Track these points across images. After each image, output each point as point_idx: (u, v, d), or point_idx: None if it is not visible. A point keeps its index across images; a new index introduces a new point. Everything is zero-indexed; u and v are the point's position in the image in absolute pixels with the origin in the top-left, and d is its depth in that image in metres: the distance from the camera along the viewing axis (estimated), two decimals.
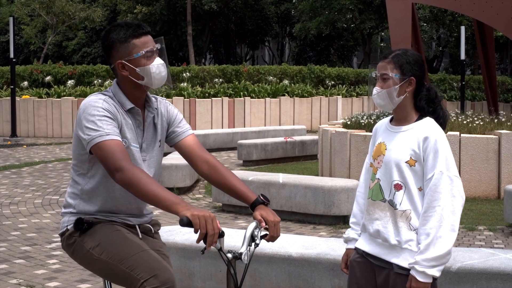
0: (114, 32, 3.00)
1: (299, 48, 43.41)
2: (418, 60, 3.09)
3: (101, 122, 2.86)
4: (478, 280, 4.20)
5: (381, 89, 3.06)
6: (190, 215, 2.58)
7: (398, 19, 12.38)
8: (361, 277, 3.17)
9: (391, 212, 3.02)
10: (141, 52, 2.98)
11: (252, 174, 9.00)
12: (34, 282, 5.74)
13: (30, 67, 23.29)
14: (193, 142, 3.19)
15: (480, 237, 7.51)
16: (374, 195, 3.10)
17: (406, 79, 3.04)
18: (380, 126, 3.25)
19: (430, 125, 3.03)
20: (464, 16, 32.20)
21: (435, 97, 3.11)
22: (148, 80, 3.01)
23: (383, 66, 3.07)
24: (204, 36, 38.65)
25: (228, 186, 3.10)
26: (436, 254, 2.87)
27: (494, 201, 9.43)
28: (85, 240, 3.01)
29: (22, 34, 38.68)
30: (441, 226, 2.88)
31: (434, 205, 2.90)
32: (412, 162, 2.99)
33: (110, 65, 3.06)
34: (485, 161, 9.56)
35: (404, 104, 3.08)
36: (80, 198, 3.07)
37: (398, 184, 3.01)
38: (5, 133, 20.85)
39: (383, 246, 3.06)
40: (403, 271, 2.97)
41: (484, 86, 15.83)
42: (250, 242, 2.82)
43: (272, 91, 23.28)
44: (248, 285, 4.82)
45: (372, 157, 3.18)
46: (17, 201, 9.73)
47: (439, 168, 2.92)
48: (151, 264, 2.89)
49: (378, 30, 38.32)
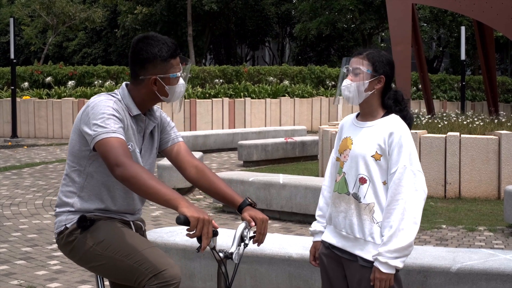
0: (156, 48, 3.02)
1: (300, 48, 43.41)
2: (390, 61, 3.19)
3: (109, 120, 2.90)
4: (478, 281, 4.20)
5: (352, 82, 3.14)
6: (189, 215, 2.62)
7: (398, 19, 12.38)
8: (330, 269, 3.26)
9: (356, 205, 3.11)
10: (177, 74, 3.07)
11: (253, 175, 9.01)
12: (35, 283, 5.75)
13: (31, 68, 23.30)
14: (182, 148, 3.28)
15: (480, 237, 7.51)
16: (340, 188, 3.18)
17: (377, 76, 3.13)
18: (346, 121, 3.33)
19: (396, 121, 3.12)
20: (464, 17, 32.19)
21: (402, 100, 3.21)
22: (170, 98, 3.10)
23: (357, 61, 3.16)
24: (204, 36, 38.68)
25: (216, 191, 3.21)
26: (399, 246, 2.95)
27: (494, 201, 9.43)
28: (88, 237, 3.03)
29: (22, 35, 38.72)
30: (403, 219, 2.96)
31: (397, 198, 2.99)
32: (378, 156, 3.07)
33: (138, 75, 3.07)
34: (485, 161, 9.56)
35: (371, 100, 3.16)
36: (78, 196, 3.09)
37: (363, 178, 3.09)
38: (5, 134, 20.87)
39: (347, 239, 3.14)
40: (367, 263, 3.06)
41: (484, 87, 15.82)
42: (239, 242, 2.89)
43: (272, 92, 23.30)
44: (248, 285, 4.83)
45: (338, 152, 3.25)
46: (17, 202, 9.74)
47: (402, 163, 3.00)
48: (159, 259, 2.93)
49: (378, 30, 38.32)
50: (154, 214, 8.85)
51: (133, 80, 3.12)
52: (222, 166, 13.83)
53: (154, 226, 8.03)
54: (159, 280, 2.86)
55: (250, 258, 4.79)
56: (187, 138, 15.78)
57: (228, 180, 8.87)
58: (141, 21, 35.91)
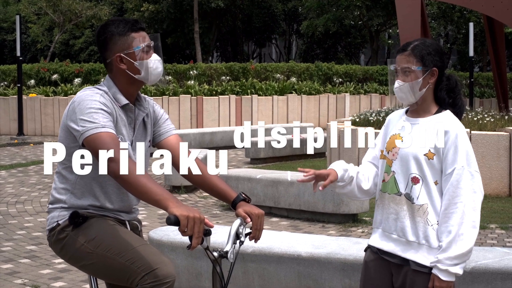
0: (113, 25, 2.98)
1: (307, 45, 43.30)
2: (438, 49, 2.99)
3: (97, 114, 2.81)
4: (493, 280, 4.09)
5: (404, 82, 2.95)
6: (179, 215, 2.52)
7: (406, 15, 12.27)
8: (376, 277, 3.06)
9: (408, 206, 2.92)
10: (140, 45, 2.96)
11: (260, 172, 8.90)
12: (39, 282, 5.66)
13: (37, 66, 23.27)
14: (176, 141, 3.16)
15: (492, 235, 7.40)
16: (390, 188, 2.99)
17: (429, 70, 2.94)
18: (394, 117, 3.15)
19: (450, 118, 2.94)
20: (473, 13, 32.01)
21: (455, 86, 3.02)
22: (145, 75, 2.99)
23: (403, 59, 2.96)
24: (211, 34, 38.60)
25: (209, 185, 3.09)
26: (459, 252, 2.79)
27: (506, 198, 9.32)
28: (79, 234, 2.93)
29: (29, 33, 38.70)
30: (462, 223, 2.80)
31: (455, 201, 2.82)
32: (431, 155, 2.89)
33: (106, 59, 3.02)
34: (496, 158, 9.44)
35: (425, 96, 2.97)
36: (71, 193, 3.00)
37: (416, 177, 2.91)
38: (12, 132, 20.84)
39: (398, 242, 2.96)
40: (421, 268, 2.88)
41: (494, 83, 15.69)
42: (235, 240, 2.79)
43: (279, 89, 23.19)
44: (256, 285, 4.73)
45: (385, 149, 3.06)
46: (23, 199, 9.66)
47: (460, 163, 2.84)
48: (152, 257, 2.82)
49: (385, 27, 38.18)
50: (160, 212, 8.75)
51: (106, 68, 3.05)
52: (229, 164, 13.74)
53: (160, 224, 7.93)
54: (152, 278, 2.75)
55: (258, 257, 4.69)
56: (194, 136, 15.70)
57: (235, 178, 8.77)
58: (147, 19, 35.87)
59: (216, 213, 8.76)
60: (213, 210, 8.92)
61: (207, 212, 8.83)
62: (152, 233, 5.21)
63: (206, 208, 9.10)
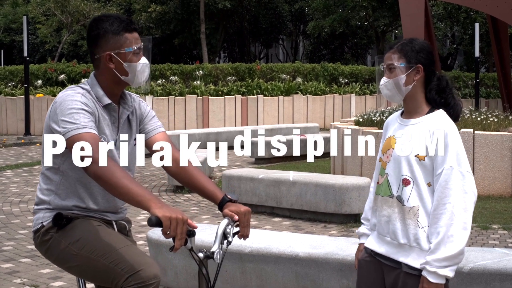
0: (107, 22, 2.93)
1: (313, 46, 43.29)
2: (425, 47, 2.97)
3: (78, 115, 2.78)
4: (492, 281, 4.07)
5: (389, 79, 2.95)
6: (161, 216, 2.48)
7: (411, 15, 12.25)
8: (369, 277, 3.06)
9: (399, 209, 2.90)
10: (132, 47, 2.93)
11: (262, 172, 8.89)
12: (38, 282, 5.67)
13: (44, 66, 23.35)
14: (163, 139, 3.10)
15: (494, 236, 7.36)
16: (383, 190, 2.98)
17: (413, 67, 2.92)
18: (391, 120, 3.15)
19: (441, 118, 2.91)
20: (478, 13, 31.90)
21: (446, 86, 2.99)
22: (131, 78, 2.96)
23: (389, 57, 2.97)
24: (218, 34, 38.63)
25: (196, 185, 3.03)
26: (448, 254, 2.74)
27: (509, 199, 9.27)
28: (63, 235, 2.91)
29: (37, 34, 38.82)
30: (452, 224, 2.75)
31: (444, 202, 2.77)
32: (422, 156, 2.86)
33: (94, 55, 2.98)
34: (500, 158, 9.40)
35: (413, 95, 2.96)
36: (55, 194, 2.98)
37: (406, 179, 2.88)
38: (19, 132, 20.90)
39: (391, 245, 2.95)
40: (412, 270, 2.86)
41: (498, 83, 15.63)
42: (222, 240, 2.74)
43: (285, 89, 23.18)
44: (254, 285, 4.73)
45: (381, 151, 3.06)
46: (27, 199, 9.69)
47: (449, 163, 2.79)
48: (136, 258, 2.79)
49: (392, 27, 38.10)
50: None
51: (93, 63, 3.02)
52: (234, 163, 13.74)
53: None
54: (136, 280, 2.72)
55: (256, 257, 4.68)
56: (199, 136, 15.70)
57: (238, 178, 8.77)
58: (155, 20, 35.96)
59: (218, 213, 8.76)
60: (215, 210, 8.92)
61: (209, 212, 8.84)
62: (150, 233, 5.21)
63: (209, 208, 9.10)
